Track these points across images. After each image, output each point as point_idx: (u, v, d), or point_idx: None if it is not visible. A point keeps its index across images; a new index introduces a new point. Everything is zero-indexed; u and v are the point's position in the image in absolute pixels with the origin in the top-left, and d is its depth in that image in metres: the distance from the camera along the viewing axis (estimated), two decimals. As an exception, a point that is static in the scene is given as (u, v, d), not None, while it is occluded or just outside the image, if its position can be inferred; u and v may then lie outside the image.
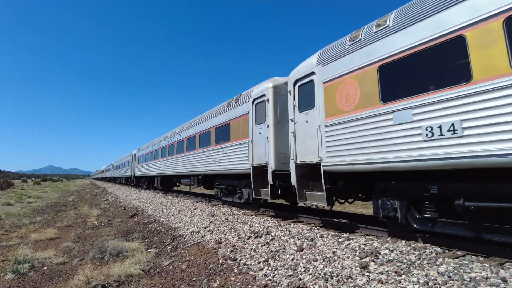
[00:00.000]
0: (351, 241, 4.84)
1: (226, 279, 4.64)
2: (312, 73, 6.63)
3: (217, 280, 4.71)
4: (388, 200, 5.25)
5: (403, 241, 4.72)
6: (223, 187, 11.22)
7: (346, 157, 5.58)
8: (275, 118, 8.16)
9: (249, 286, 4.24)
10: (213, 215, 8.97)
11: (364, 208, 13.54)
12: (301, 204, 7.51)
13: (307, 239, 5.29)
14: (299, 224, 6.68)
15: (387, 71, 5.00)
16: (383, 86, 5.05)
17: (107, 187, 39.12)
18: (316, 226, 6.48)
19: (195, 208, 10.73)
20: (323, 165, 6.04)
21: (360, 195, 6.50)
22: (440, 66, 4.36)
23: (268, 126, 8.23)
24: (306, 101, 6.84)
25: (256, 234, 6.20)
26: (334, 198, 6.29)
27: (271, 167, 7.94)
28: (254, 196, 8.74)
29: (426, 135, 4.32)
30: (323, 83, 6.29)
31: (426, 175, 4.71)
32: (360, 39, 5.59)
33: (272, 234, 6.01)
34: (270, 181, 7.93)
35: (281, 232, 5.99)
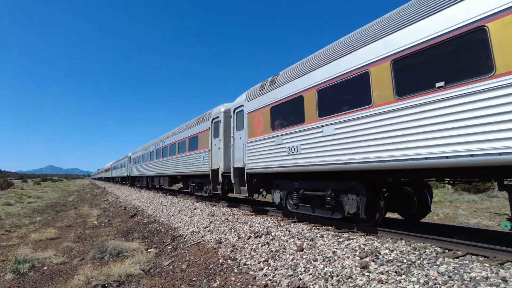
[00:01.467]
0: (351, 241, 4.84)
1: (226, 279, 4.64)
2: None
3: (217, 280, 4.71)
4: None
5: (403, 241, 4.72)
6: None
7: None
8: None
9: (249, 286, 4.24)
10: (213, 215, 8.97)
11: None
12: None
13: (307, 239, 5.29)
14: (299, 224, 6.68)
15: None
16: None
17: (107, 187, 39.12)
18: (316, 226, 6.48)
19: (195, 208, 10.73)
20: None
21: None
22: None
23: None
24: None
25: (256, 234, 6.20)
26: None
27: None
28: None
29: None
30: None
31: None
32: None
33: (272, 234, 6.01)
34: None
35: (281, 232, 5.99)
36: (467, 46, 3.98)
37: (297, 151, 6.80)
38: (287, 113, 7.36)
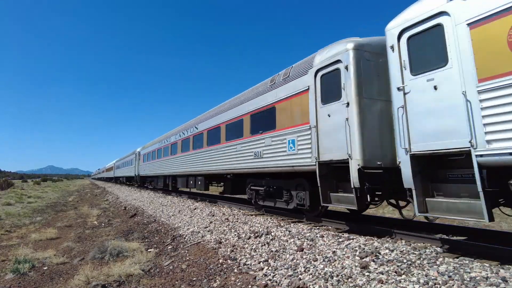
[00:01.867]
0: (351, 241, 4.84)
1: (226, 279, 4.64)
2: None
3: (217, 280, 4.71)
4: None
5: (403, 241, 4.73)
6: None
7: None
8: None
9: (249, 286, 4.24)
10: (213, 215, 8.97)
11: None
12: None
13: (307, 239, 5.29)
14: (299, 224, 6.68)
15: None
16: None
17: (107, 187, 39.13)
18: (316, 226, 6.48)
19: (195, 208, 10.73)
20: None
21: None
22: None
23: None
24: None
25: (256, 234, 6.20)
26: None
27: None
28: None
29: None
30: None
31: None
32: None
33: (272, 234, 6.01)
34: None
35: (281, 232, 5.99)
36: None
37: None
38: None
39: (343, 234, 5.38)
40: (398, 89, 4.85)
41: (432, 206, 4.38)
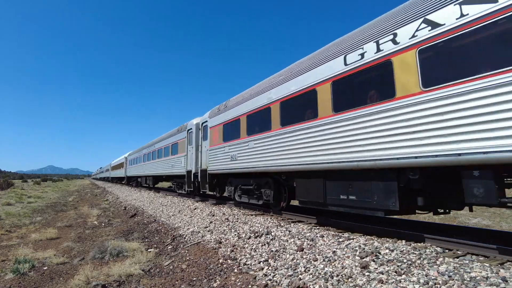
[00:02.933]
0: (351, 240, 4.84)
1: (226, 279, 4.64)
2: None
3: (217, 280, 4.71)
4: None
5: (403, 241, 4.72)
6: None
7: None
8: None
9: (249, 286, 4.24)
10: (213, 215, 8.97)
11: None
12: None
13: (307, 239, 5.29)
14: (299, 224, 6.68)
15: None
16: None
17: (107, 187, 39.12)
18: (316, 226, 6.48)
19: (195, 208, 10.73)
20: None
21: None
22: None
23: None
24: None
25: (256, 234, 6.20)
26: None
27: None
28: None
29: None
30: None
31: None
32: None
33: (272, 234, 6.01)
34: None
35: (281, 232, 5.99)
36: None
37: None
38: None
39: (343, 234, 5.38)
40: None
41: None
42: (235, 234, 6.65)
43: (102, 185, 46.29)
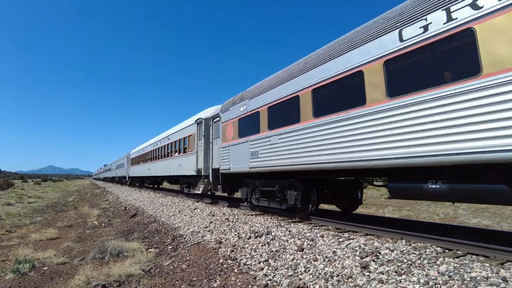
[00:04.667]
0: (352, 241, 4.84)
1: (227, 279, 4.64)
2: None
3: (217, 280, 4.71)
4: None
5: (403, 241, 4.73)
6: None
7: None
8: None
9: (250, 286, 4.24)
10: (214, 215, 8.97)
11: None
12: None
13: (307, 239, 5.29)
14: (300, 224, 6.68)
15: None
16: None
17: (107, 187, 39.13)
18: (316, 226, 6.48)
19: (196, 208, 10.73)
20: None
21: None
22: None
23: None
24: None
25: (256, 234, 6.20)
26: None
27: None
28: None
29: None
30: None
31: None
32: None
33: (273, 234, 6.01)
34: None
35: (282, 232, 5.99)
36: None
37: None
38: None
39: (343, 234, 5.38)
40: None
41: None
42: (235, 234, 6.65)
43: (102, 185, 46.28)
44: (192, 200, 13.71)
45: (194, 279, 4.96)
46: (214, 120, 11.58)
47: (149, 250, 7.21)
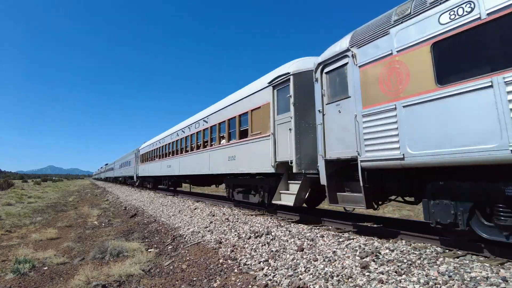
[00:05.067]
0: (352, 241, 4.84)
1: (227, 279, 4.64)
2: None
3: (217, 280, 4.71)
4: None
5: (403, 241, 4.73)
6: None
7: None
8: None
9: (250, 286, 4.24)
10: (214, 215, 8.97)
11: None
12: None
13: (307, 239, 5.29)
14: (300, 224, 6.68)
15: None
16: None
17: (107, 187, 39.14)
18: (316, 226, 6.48)
19: (196, 208, 10.74)
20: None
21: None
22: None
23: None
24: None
25: (256, 234, 6.20)
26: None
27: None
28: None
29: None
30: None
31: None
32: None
33: (273, 234, 6.01)
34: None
35: (282, 232, 5.99)
36: None
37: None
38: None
39: (343, 234, 5.38)
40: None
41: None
42: (235, 234, 6.65)
43: (102, 185, 46.28)
44: (192, 200, 13.70)
45: (194, 279, 4.96)
46: (327, 70, 6.29)
47: (149, 250, 7.21)
